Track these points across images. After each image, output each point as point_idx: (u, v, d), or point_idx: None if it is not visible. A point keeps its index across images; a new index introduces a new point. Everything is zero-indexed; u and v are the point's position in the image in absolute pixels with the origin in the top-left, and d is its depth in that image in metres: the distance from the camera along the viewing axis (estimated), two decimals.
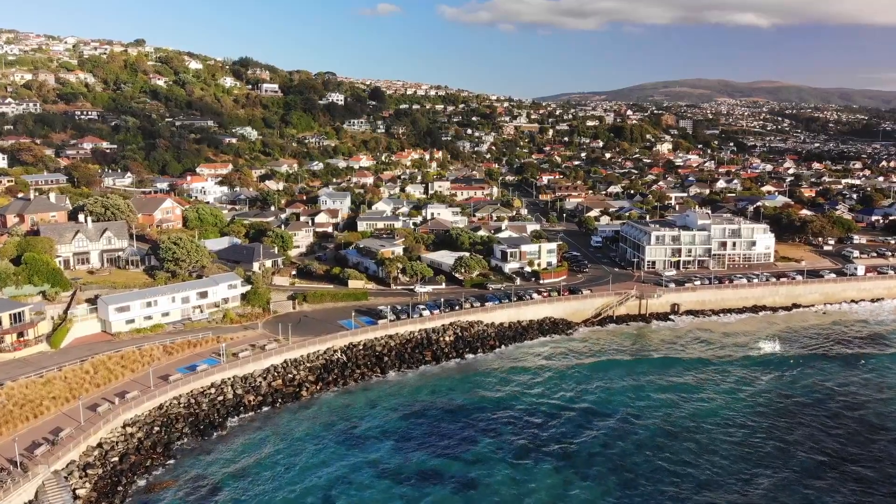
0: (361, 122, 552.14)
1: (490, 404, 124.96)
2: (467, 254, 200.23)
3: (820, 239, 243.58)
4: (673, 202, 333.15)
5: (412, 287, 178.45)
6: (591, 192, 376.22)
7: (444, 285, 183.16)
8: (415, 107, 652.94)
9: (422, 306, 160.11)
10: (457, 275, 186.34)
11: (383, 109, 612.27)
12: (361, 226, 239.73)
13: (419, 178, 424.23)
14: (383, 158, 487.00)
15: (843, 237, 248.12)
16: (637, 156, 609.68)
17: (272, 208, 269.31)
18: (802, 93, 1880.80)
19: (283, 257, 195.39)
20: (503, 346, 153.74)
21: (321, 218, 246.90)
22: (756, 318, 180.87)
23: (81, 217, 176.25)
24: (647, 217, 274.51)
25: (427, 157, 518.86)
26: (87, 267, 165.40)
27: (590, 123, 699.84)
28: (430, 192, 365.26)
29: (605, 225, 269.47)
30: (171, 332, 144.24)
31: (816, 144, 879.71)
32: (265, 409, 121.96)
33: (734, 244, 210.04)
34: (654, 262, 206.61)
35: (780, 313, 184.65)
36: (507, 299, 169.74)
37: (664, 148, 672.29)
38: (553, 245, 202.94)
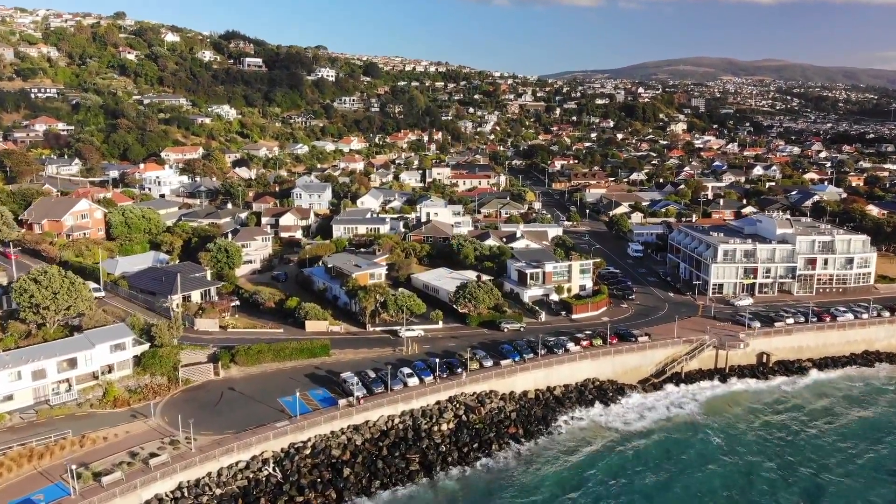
0: (354, 101, 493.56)
1: None
2: (472, 275, 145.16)
3: None
4: (709, 193, 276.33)
5: (396, 329, 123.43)
6: (611, 179, 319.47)
7: (440, 323, 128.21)
8: (413, 84, 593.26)
9: (406, 371, 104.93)
10: (459, 308, 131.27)
11: (378, 86, 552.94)
12: (337, 230, 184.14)
13: (416, 162, 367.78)
14: (377, 140, 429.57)
15: None
16: (651, 136, 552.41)
17: (228, 205, 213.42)
18: (807, 72, 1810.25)
19: (222, 284, 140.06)
20: (529, 439, 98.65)
21: (287, 219, 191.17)
22: (876, 375, 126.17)
23: None
24: (694, 218, 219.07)
25: (425, 138, 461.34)
26: None
27: (599, 102, 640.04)
28: (428, 179, 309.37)
29: (639, 225, 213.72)
30: (12, 429, 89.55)
31: (829, 124, 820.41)
32: None
33: (825, 262, 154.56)
34: (720, 286, 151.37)
35: None
36: (530, 352, 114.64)
37: (678, 128, 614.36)
38: (588, 263, 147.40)
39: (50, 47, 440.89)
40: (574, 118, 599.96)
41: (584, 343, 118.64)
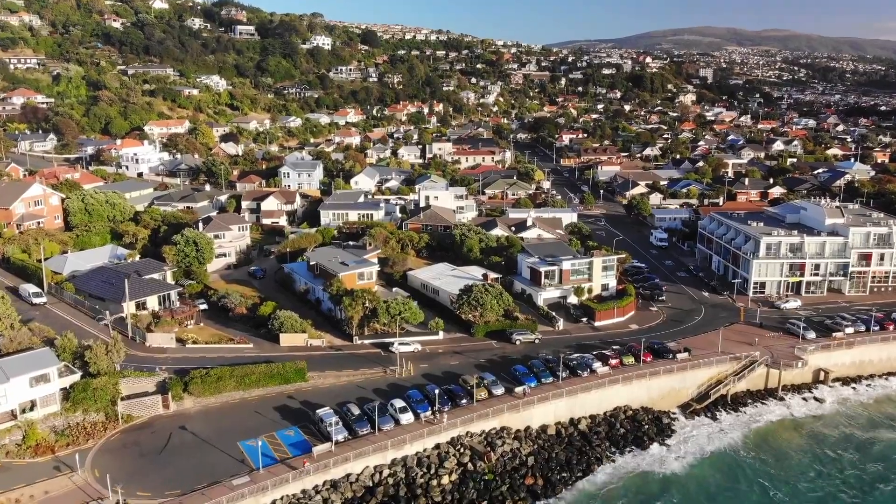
0: (350, 70, 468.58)
1: None
2: (478, 272, 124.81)
3: None
4: (730, 171, 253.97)
5: (389, 341, 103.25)
6: (624, 155, 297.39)
7: (440, 334, 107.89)
8: (413, 53, 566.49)
9: (399, 404, 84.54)
10: (462, 315, 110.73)
11: (377, 55, 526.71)
12: (325, 217, 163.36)
13: (415, 136, 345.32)
14: (374, 113, 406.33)
15: None
16: (660, 108, 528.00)
17: (206, 187, 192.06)
18: (813, 42, 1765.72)
19: (189, 283, 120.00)
20: (550, 493, 78.71)
21: (270, 204, 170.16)
22: None
23: None
24: (722, 201, 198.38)
25: (426, 110, 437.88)
26: None
27: (606, 72, 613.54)
28: (428, 155, 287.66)
29: (661, 209, 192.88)
30: None
31: (837, 95, 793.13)
32: None
33: (881, 257, 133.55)
34: (762, 284, 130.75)
35: None
36: (549, 375, 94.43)
37: (687, 99, 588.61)
38: (612, 258, 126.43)
39: (32, 15, 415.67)
40: (580, 89, 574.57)
41: (613, 362, 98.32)
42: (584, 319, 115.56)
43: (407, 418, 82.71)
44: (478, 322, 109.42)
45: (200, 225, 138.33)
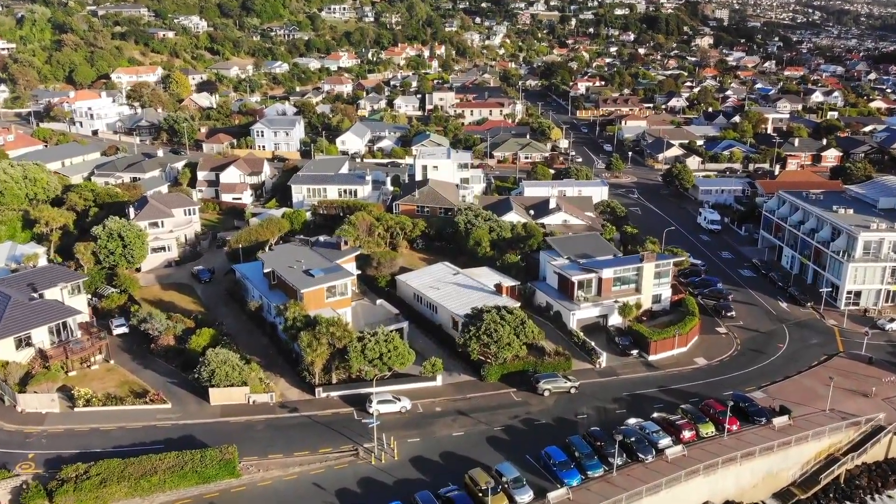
0: (345, 9, 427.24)
1: None
2: (489, 278, 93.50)
3: None
4: (769, 126, 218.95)
5: (366, 392, 72.41)
6: (648, 107, 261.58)
7: (438, 379, 76.98)
8: None
9: None
10: (471, 353, 79.27)
11: None
12: (298, 193, 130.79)
13: (414, 84, 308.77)
14: (370, 56, 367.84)
15: None
16: (677, 52, 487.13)
17: (159, 151, 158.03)
18: None
19: (109, 294, 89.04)
20: None
21: (230, 175, 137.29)
22: None
23: None
24: (777, 168, 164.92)
25: (426, 53, 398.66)
26: None
27: (618, 12, 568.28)
28: (428, 106, 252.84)
29: (706, 178, 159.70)
30: None
31: (853, 40, 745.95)
32: None
33: None
34: (857, 293, 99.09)
35: None
36: (598, 465, 63.46)
37: (704, 42, 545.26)
38: (666, 262, 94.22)
39: None
40: (591, 30, 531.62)
41: (687, 435, 67.39)
42: (635, 352, 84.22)
43: None
44: (490, 360, 78.35)
45: (131, 211, 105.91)
